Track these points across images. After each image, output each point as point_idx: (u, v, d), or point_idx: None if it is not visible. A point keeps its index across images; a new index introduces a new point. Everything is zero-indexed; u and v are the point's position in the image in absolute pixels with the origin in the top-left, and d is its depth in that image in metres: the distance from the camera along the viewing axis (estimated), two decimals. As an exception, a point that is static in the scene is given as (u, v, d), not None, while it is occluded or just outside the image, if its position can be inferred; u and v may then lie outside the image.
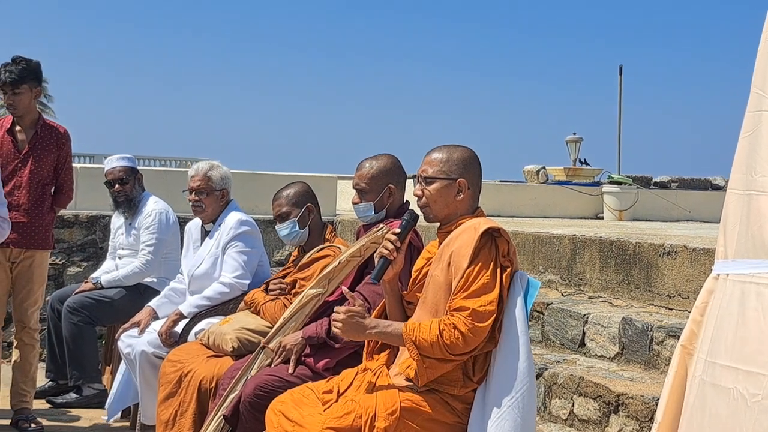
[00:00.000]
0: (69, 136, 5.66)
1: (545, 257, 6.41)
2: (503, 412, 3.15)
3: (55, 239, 5.89)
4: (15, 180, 5.40)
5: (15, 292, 5.51)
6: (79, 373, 6.05)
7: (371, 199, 4.10)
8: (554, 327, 5.43)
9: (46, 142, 5.52)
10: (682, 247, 5.22)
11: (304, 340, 3.98)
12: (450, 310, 3.20)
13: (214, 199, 5.21)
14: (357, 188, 4.12)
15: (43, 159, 5.50)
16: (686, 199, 12.55)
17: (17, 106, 5.44)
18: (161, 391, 4.52)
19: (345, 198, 10.97)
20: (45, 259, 5.62)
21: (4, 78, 5.38)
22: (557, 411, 4.68)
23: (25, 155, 5.46)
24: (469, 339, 3.14)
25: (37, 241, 5.47)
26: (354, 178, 4.16)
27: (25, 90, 5.43)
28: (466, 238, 3.27)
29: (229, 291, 4.99)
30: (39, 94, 5.54)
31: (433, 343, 3.13)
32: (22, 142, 5.49)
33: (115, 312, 5.90)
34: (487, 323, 3.16)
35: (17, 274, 5.47)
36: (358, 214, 4.19)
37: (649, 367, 4.71)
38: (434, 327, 3.15)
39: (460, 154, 3.44)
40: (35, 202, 5.46)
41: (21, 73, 5.39)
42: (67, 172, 5.67)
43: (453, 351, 3.14)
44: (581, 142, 14.86)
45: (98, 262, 7.31)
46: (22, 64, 5.42)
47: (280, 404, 3.37)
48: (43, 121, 5.57)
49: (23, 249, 5.43)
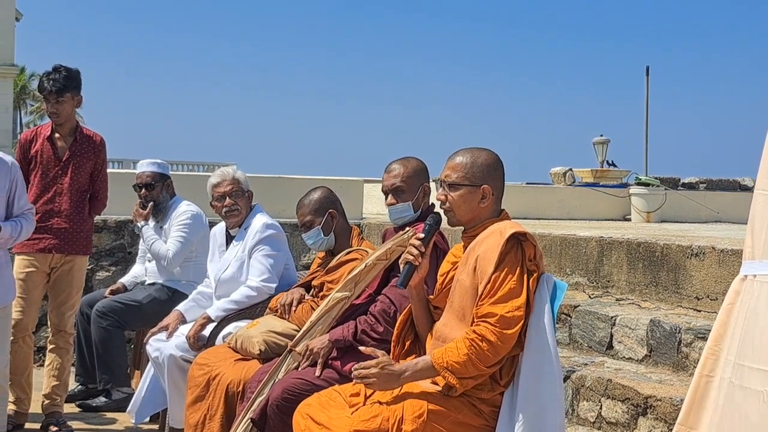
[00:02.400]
0: (105, 144, 5.74)
1: (572, 259, 6.39)
2: (531, 416, 3.14)
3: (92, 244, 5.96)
4: (56, 187, 5.49)
5: (53, 296, 5.58)
6: (108, 377, 6.09)
7: (409, 199, 4.08)
8: (582, 329, 5.41)
9: (84, 150, 5.60)
10: (711, 249, 5.19)
11: (331, 344, 3.99)
12: (477, 317, 3.19)
13: (246, 201, 5.25)
14: (393, 189, 4.09)
15: (82, 166, 5.58)
16: (714, 200, 12.46)
17: (60, 114, 5.51)
18: (189, 394, 4.54)
19: (371, 201, 10.98)
20: (84, 264, 5.71)
21: (49, 87, 5.45)
22: (585, 414, 4.66)
23: (65, 162, 5.54)
24: (498, 347, 3.13)
25: (77, 246, 5.56)
26: (387, 179, 4.13)
27: (68, 98, 5.50)
28: (491, 242, 3.26)
29: (257, 294, 5.00)
30: (80, 102, 5.61)
31: (464, 363, 3.12)
32: (62, 149, 5.57)
33: (144, 316, 5.94)
34: (515, 329, 3.15)
35: (56, 279, 5.54)
36: (394, 216, 4.14)
37: (678, 369, 4.68)
38: (461, 347, 3.14)
39: (485, 159, 3.41)
40: (76, 209, 5.55)
41: (64, 82, 5.46)
42: (103, 180, 5.75)
43: (485, 363, 3.14)
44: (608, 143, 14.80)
45: (127, 266, 7.36)
46: (64, 73, 5.48)
47: (308, 407, 3.37)
48: (81, 129, 5.65)
49: (64, 254, 5.51)
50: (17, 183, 4.71)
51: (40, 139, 5.57)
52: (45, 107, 5.62)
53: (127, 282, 6.36)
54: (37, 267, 5.43)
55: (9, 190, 4.68)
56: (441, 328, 3.38)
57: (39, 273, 5.46)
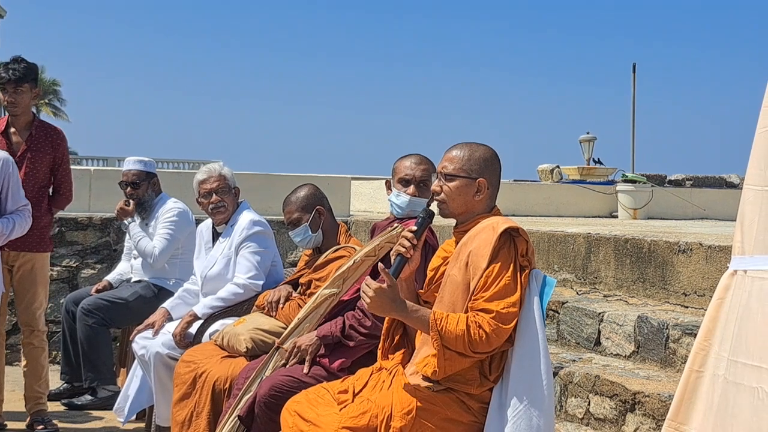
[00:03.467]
0: (64, 136, 5.64)
1: (560, 256, 6.38)
2: (520, 412, 3.13)
3: (53, 242, 5.85)
4: None
5: (19, 297, 5.49)
6: (94, 375, 6.05)
7: (427, 196, 4.08)
8: (569, 326, 5.41)
9: (41, 143, 5.49)
10: (698, 245, 5.19)
11: (319, 340, 3.97)
12: (472, 311, 3.18)
13: (232, 198, 5.22)
14: (421, 180, 4.10)
15: (39, 160, 5.47)
16: (701, 197, 12.50)
17: (18, 104, 5.42)
18: (176, 392, 4.52)
19: (359, 198, 10.97)
20: (46, 262, 5.59)
21: (8, 76, 5.37)
22: (573, 410, 4.66)
23: (20, 157, 5.41)
24: (492, 339, 3.12)
25: (33, 243, 5.43)
26: (413, 169, 4.13)
27: (26, 89, 5.42)
28: (484, 237, 3.25)
29: (243, 292, 4.98)
30: (37, 95, 5.53)
31: (457, 336, 3.10)
32: (17, 143, 5.46)
33: (130, 314, 5.91)
34: (511, 325, 3.15)
35: (20, 279, 5.45)
36: (409, 207, 4.12)
37: (666, 365, 4.68)
38: (462, 321, 3.13)
39: (482, 153, 3.41)
40: (31, 205, 5.42)
41: (24, 72, 5.39)
42: (65, 173, 5.64)
43: (475, 348, 3.13)
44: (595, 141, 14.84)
45: (112, 264, 7.33)
46: (24, 63, 5.43)
47: (296, 404, 3.35)
48: (38, 122, 5.56)
49: (20, 252, 5.40)
50: (11, 179, 4.65)
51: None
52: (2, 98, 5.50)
53: (112, 279, 6.33)
54: None
55: (0, 186, 4.62)
56: (431, 324, 3.36)
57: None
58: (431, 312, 3.20)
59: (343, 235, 4.76)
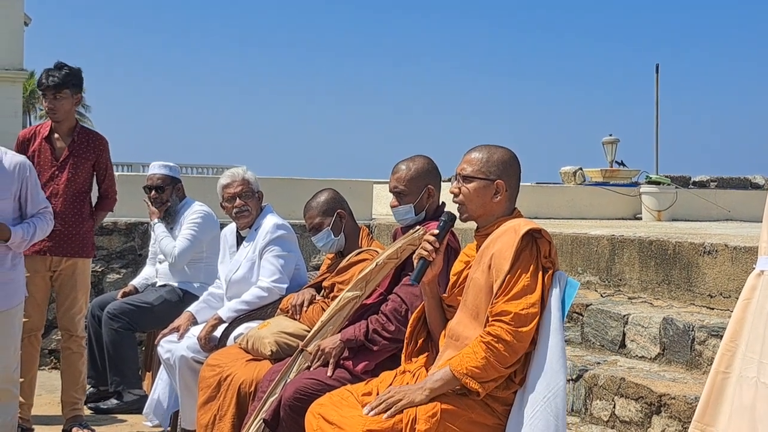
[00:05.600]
0: (107, 142, 5.68)
1: (583, 258, 6.36)
2: (537, 412, 3.13)
3: (95, 247, 5.91)
4: (51, 188, 5.39)
5: (60, 301, 5.53)
6: (119, 379, 6.09)
7: (410, 201, 4.06)
8: (594, 328, 5.39)
9: (83, 149, 5.54)
10: (723, 246, 5.16)
11: (343, 343, 3.97)
12: (491, 315, 3.17)
13: (256, 202, 5.23)
14: (395, 191, 4.08)
15: (81, 166, 5.51)
16: (725, 199, 12.42)
17: (58, 111, 5.45)
18: (201, 395, 4.54)
19: (381, 202, 10.97)
20: (87, 267, 5.64)
21: (47, 82, 5.40)
22: (598, 413, 4.64)
23: (63, 162, 5.48)
24: (515, 346, 3.12)
25: (75, 248, 5.48)
26: (391, 181, 4.12)
27: (67, 95, 5.45)
28: (506, 240, 3.24)
29: (267, 295, 4.99)
30: (79, 101, 5.57)
31: (484, 367, 3.11)
32: (60, 149, 5.50)
33: (155, 318, 5.94)
34: (531, 327, 3.14)
35: (60, 283, 5.49)
36: (397, 218, 4.14)
37: (691, 367, 4.66)
38: (478, 351, 3.12)
39: (501, 155, 3.41)
40: (72, 210, 5.47)
41: (64, 78, 5.41)
42: (110, 178, 5.71)
43: (504, 364, 3.13)
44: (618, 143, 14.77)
45: (137, 269, 7.36)
46: (65, 70, 5.45)
47: (320, 407, 3.36)
48: (80, 128, 5.60)
49: (62, 257, 5.46)
50: (29, 183, 4.67)
51: (38, 139, 5.51)
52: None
53: (138, 284, 6.36)
54: (35, 269, 5.34)
55: (19, 190, 4.65)
56: (454, 327, 3.36)
57: (38, 275, 5.38)
58: (447, 365, 3.19)
59: (365, 238, 4.76)
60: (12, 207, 4.65)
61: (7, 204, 4.62)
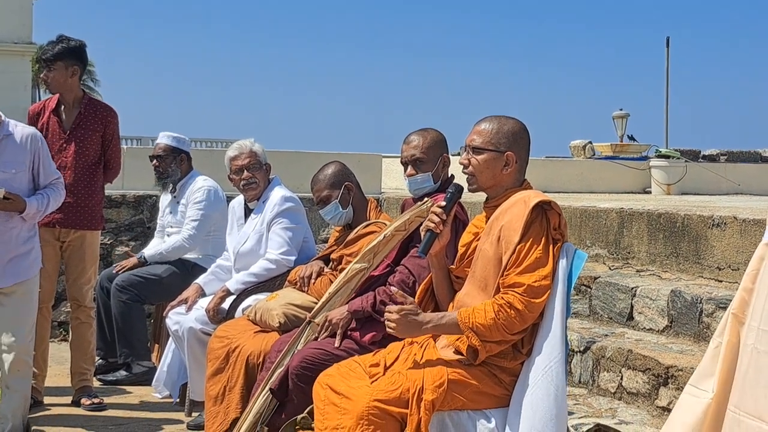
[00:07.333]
0: (115, 113, 5.66)
1: (592, 231, 6.35)
2: (539, 381, 3.13)
3: (104, 219, 5.92)
4: (60, 160, 5.38)
5: (69, 272, 5.56)
6: (128, 351, 6.11)
7: (429, 170, 4.05)
8: (602, 301, 5.39)
9: (91, 121, 5.53)
10: (732, 219, 5.14)
11: (350, 314, 3.98)
12: (504, 287, 3.17)
13: (264, 174, 5.22)
14: (412, 160, 4.05)
15: (89, 138, 5.50)
16: (735, 172, 12.38)
17: (51, 82, 5.47)
18: (209, 367, 4.55)
19: (390, 176, 10.97)
20: (96, 239, 5.66)
21: (42, 55, 5.46)
22: (606, 384, 4.64)
23: (70, 135, 5.47)
24: (525, 315, 3.12)
25: (84, 221, 5.48)
26: (406, 150, 4.09)
27: (59, 67, 5.43)
28: (516, 211, 3.23)
29: (275, 267, 5.00)
30: (76, 72, 5.52)
31: (490, 327, 3.11)
32: (68, 121, 5.51)
33: (164, 290, 5.95)
34: (543, 299, 3.14)
35: (69, 254, 5.51)
36: (413, 187, 4.10)
37: (699, 339, 4.66)
38: (488, 310, 3.13)
39: (511, 126, 3.39)
40: (82, 182, 5.47)
41: (56, 51, 5.42)
42: (114, 149, 5.67)
43: (511, 330, 3.13)
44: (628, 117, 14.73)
45: (146, 241, 7.37)
46: (62, 43, 5.46)
47: (327, 377, 3.36)
48: (87, 100, 5.59)
49: (71, 229, 5.47)
50: (41, 154, 4.72)
51: (47, 113, 5.52)
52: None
53: (148, 254, 6.29)
54: (45, 240, 5.31)
55: (32, 162, 4.70)
56: (463, 298, 3.36)
57: (49, 246, 5.36)
58: (456, 312, 3.21)
59: (373, 210, 4.76)
60: (27, 179, 4.73)
61: (22, 176, 4.70)
